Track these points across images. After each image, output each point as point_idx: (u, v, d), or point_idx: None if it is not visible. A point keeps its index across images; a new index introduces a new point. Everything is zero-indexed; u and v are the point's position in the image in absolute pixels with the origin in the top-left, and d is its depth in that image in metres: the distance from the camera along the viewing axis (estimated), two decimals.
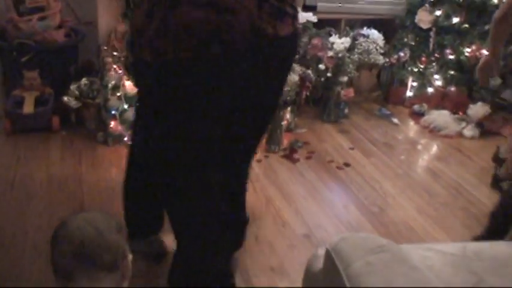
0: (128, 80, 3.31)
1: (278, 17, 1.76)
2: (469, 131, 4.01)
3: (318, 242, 2.60)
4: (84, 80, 3.51)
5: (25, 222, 2.58)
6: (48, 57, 3.57)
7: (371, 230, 2.74)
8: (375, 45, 4.05)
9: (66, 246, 1.30)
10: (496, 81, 3.89)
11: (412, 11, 4.19)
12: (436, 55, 4.21)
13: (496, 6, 3.86)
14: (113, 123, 3.35)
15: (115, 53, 3.42)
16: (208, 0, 1.63)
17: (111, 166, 3.17)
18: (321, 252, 1.52)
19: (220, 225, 2.02)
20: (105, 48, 3.50)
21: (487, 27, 3.89)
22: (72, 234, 1.31)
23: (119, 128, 3.36)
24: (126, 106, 3.33)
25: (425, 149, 3.85)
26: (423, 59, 4.25)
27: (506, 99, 4.15)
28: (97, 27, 3.64)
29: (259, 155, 3.36)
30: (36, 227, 2.55)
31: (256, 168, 2.98)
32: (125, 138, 3.37)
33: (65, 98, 3.46)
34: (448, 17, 4.09)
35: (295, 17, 1.87)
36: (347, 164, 3.44)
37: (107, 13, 3.56)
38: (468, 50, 4.05)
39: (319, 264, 1.51)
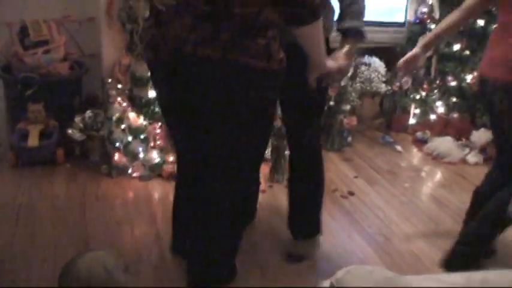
0: (132, 112, 3.34)
1: (212, 40, 1.88)
2: (472, 157, 4.02)
3: (322, 273, 2.59)
4: (88, 113, 3.55)
5: (30, 255, 2.59)
6: (52, 90, 3.61)
7: (376, 260, 2.73)
8: (376, 73, 4.08)
9: (75, 285, 1.30)
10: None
11: (412, 39, 4.22)
12: (437, 82, 4.24)
13: None
14: (117, 156, 3.37)
15: (119, 86, 3.45)
16: (155, 14, 2.01)
17: (115, 198, 3.18)
18: (326, 284, 1.52)
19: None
20: (109, 80, 3.53)
21: None
22: (80, 274, 1.31)
23: (123, 160, 3.38)
24: (130, 138, 3.36)
25: (429, 176, 3.86)
26: (425, 86, 4.28)
27: None
28: (101, 59, 3.69)
29: (263, 185, 3.36)
30: (41, 260, 2.55)
31: (260, 198, 2.99)
32: (129, 171, 3.39)
33: (69, 131, 3.49)
34: (449, 44, 4.13)
35: (266, 49, 1.93)
36: (351, 193, 3.44)
37: (111, 46, 3.60)
38: (470, 76, 4.08)
39: None
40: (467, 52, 4.12)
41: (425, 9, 4.21)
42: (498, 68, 2.44)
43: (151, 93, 3.33)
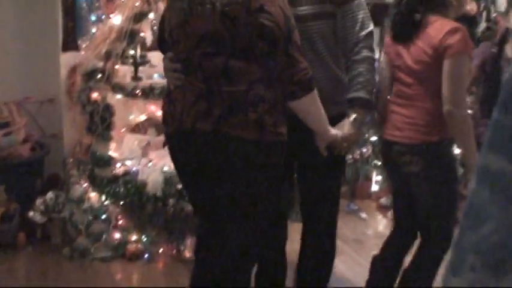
0: (93, 192, 3.34)
1: (206, 115, 2.08)
2: None
3: None
4: (49, 194, 3.52)
5: None
6: (13, 173, 3.59)
7: None
8: None
9: None
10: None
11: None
12: None
13: None
14: (78, 238, 3.33)
15: (80, 166, 3.46)
16: (168, 93, 2.26)
17: (78, 282, 3.12)
18: None
19: None
20: (71, 160, 3.54)
21: None
22: None
23: (85, 241, 3.34)
24: (91, 219, 3.34)
25: None
26: None
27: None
28: (62, 139, 3.70)
29: None
30: None
31: None
32: (91, 252, 3.35)
33: (31, 213, 3.46)
34: None
35: (258, 123, 2.07)
36: None
37: (72, 126, 3.63)
38: None
39: None
40: None
41: None
42: (405, 131, 2.52)
43: (112, 173, 3.35)
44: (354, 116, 2.38)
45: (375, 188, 4.52)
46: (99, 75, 3.29)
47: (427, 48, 2.41)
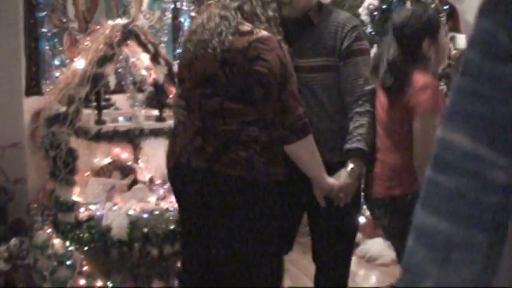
0: (57, 238, 3.32)
1: (200, 151, 2.25)
2: None
3: None
4: (13, 241, 3.49)
5: None
6: None
7: None
8: None
9: None
10: None
11: None
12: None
13: None
14: (43, 284, 3.30)
15: (44, 211, 3.44)
16: (173, 128, 2.54)
17: None
18: None
19: None
20: (35, 206, 3.52)
21: None
22: None
23: None
24: (56, 265, 3.31)
25: (365, 280, 3.92)
26: None
27: None
28: (26, 185, 3.69)
29: None
30: None
31: None
32: None
33: None
34: None
35: (248, 162, 2.21)
36: None
37: (36, 171, 3.62)
38: None
39: None
40: None
41: None
42: (375, 186, 2.60)
43: (76, 218, 3.34)
44: (351, 166, 2.45)
45: None
46: (62, 120, 3.30)
47: (401, 102, 2.48)
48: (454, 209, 0.79)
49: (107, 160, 3.83)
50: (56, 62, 3.92)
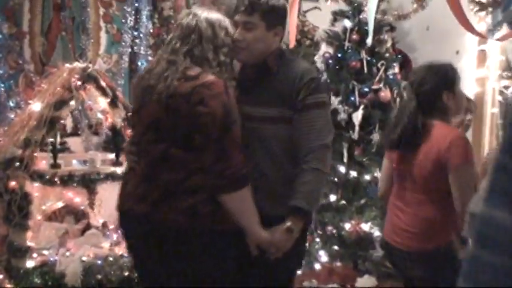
0: (9, 284, 3.33)
1: (145, 198, 2.26)
2: None
3: None
4: None
5: None
6: None
7: None
8: None
9: None
10: (377, 252, 4.23)
11: None
12: (318, 232, 4.54)
13: (369, 182, 4.32)
14: None
15: None
16: (124, 174, 2.54)
17: None
18: None
19: None
20: None
21: (362, 201, 4.32)
22: None
23: None
24: None
25: None
26: (307, 237, 4.55)
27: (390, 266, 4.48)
28: None
29: None
30: None
31: None
32: None
33: None
34: (325, 195, 4.47)
35: (191, 210, 2.22)
36: None
37: None
38: (348, 225, 4.41)
39: None
40: (343, 202, 4.47)
41: None
42: (402, 238, 2.70)
43: (29, 264, 3.36)
44: (288, 224, 2.36)
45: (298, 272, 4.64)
46: (17, 163, 3.35)
47: (432, 158, 2.60)
48: (499, 286, 0.82)
49: (60, 204, 3.86)
50: (11, 104, 3.95)
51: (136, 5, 4.23)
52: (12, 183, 3.31)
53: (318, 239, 4.55)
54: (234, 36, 2.43)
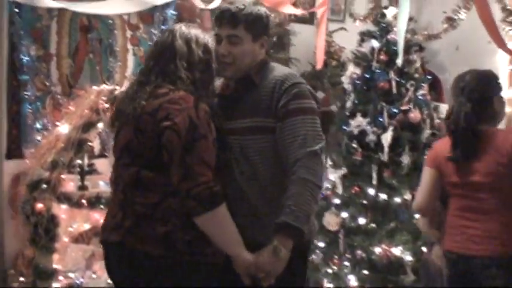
0: None
1: (119, 226, 2.17)
2: None
3: None
4: None
5: None
6: None
7: None
8: None
9: None
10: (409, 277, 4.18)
11: (318, 213, 4.50)
12: (347, 255, 4.49)
13: (400, 205, 4.27)
14: None
15: (22, 278, 3.47)
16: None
17: None
18: None
19: None
20: (13, 272, 3.55)
21: (392, 224, 4.27)
22: None
23: None
24: None
25: None
26: (335, 261, 4.51)
27: None
28: (3, 250, 3.72)
29: None
30: None
31: None
32: None
33: None
34: (354, 218, 4.43)
35: (166, 238, 2.10)
36: None
37: (15, 236, 3.66)
38: (378, 249, 4.36)
39: None
40: (373, 225, 4.43)
41: (328, 185, 4.54)
42: (484, 245, 2.67)
43: (56, 286, 3.38)
44: (274, 243, 2.15)
45: None
46: (44, 186, 3.39)
47: (501, 160, 2.64)
48: None
49: (87, 226, 3.88)
50: (38, 126, 3.99)
51: (163, 27, 4.26)
52: (39, 206, 3.35)
53: (347, 263, 4.50)
54: (219, 52, 2.33)
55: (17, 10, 3.78)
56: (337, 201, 4.43)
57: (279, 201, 2.22)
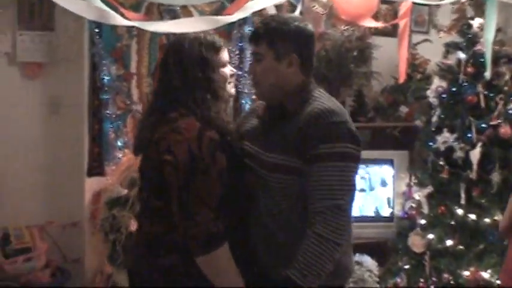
0: None
1: (131, 252, 2.36)
2: None
3: None
4: None
5: None
6: None
7: None
8: (369, 272, 4.21)
9: None
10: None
11: (403, 234, 4.40)
12: (433, 279, 4.35)
13: (489, 225, 4.10)
14: None
15: None
16: None
17: None
18: None
19: None
20: None
21: (482, 246, 4.11)
22: None
23: None
24: None
25: None
26: (421, 284, 4.38)
27: None
28: (84, 266, 3.83)
29: None
30: None
31: None
32: None
33: None
34: (441, 240, 4.29)
35: (167, 270, 2.11)
36: None
37: (94, 252, 3.77)
38: (466, 273, 4.20)
39: None
40: (461, 247, 4.27)
41: (413, 205, 4.43)
42: None
43: None
44: None
45: None
46: (123, 203, 3.47)
47: None
48: None
49: None
50: (119, 144, 4.10)
51: (241, 44, 4.30)
52: (118, 223, 3.42)
53: (433, 287, 4.37)
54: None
55: (97, 30, 3.89)
56: (422, 221, 4.30)
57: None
